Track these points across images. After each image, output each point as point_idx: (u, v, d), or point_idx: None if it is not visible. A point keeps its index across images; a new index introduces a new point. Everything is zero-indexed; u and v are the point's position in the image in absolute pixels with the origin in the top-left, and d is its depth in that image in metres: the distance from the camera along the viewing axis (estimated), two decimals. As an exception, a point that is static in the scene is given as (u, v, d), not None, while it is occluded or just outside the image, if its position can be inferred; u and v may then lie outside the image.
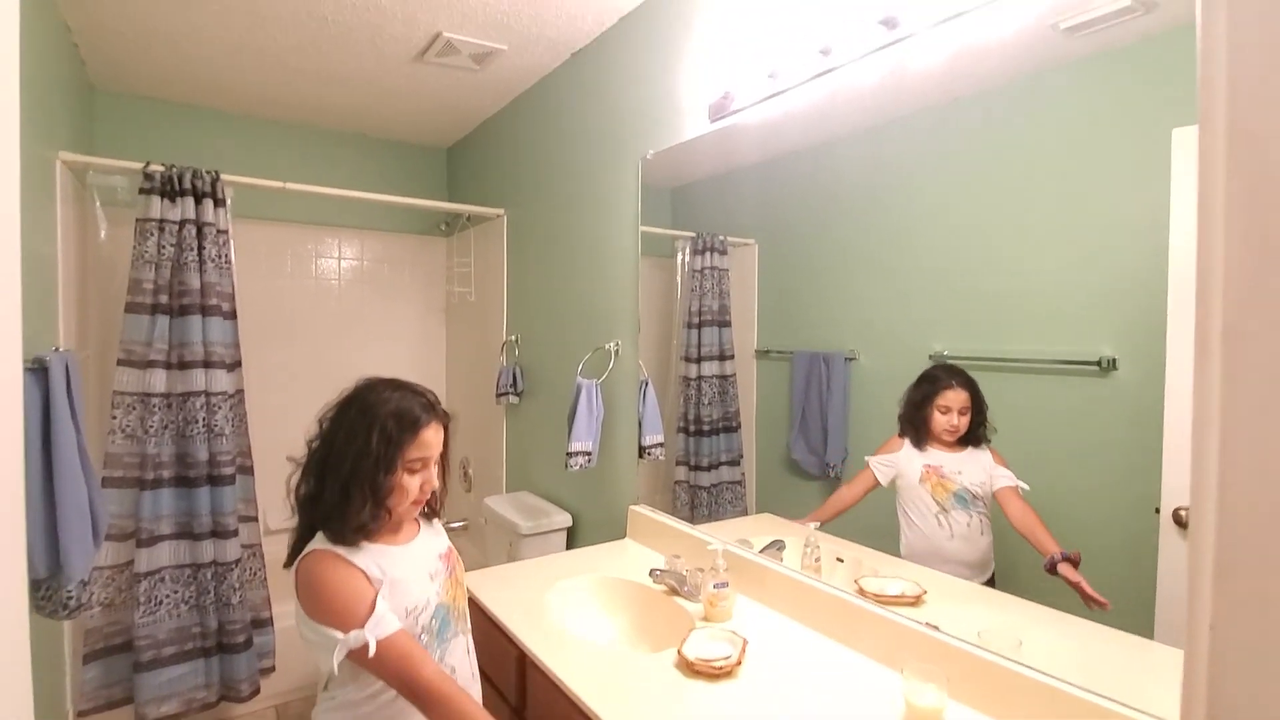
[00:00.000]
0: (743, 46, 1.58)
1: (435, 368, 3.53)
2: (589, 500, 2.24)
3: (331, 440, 1.07)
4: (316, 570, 1.02)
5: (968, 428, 1.21)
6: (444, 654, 1.11)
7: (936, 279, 1.23)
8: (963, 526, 1.22)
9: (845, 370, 1.41)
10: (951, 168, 1.21)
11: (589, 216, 2.24)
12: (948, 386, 1.22)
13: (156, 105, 2.80)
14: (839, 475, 1.44)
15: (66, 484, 1.51)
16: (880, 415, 1.34)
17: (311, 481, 1.07)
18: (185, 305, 2.14)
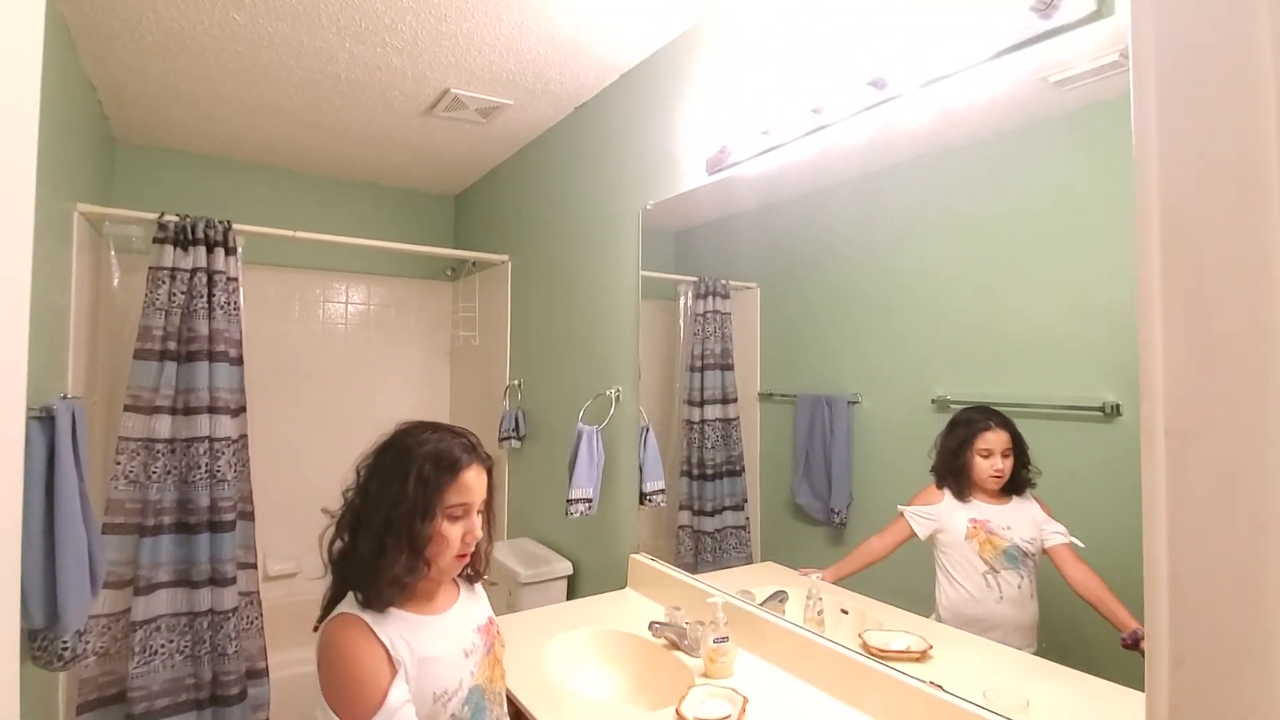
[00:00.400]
0: (738, 103, 1.63)
1: (439, 411, 3.54)
2: (590, 548, 2.21)
3: (367, 489, 0.99)
4: (336, 639, 0.92)
5: (1011, 472, 1.11)
6: None
7: (936, 323, 1.24)
8: (1013, 588, 1.10)
9: (848, 414, 1.41)
10: (947, 215, 1.23)
11: (591, 264, 2.27)
12: (986, 428, 1.13)
13: (175, 157, 2.89)
14: (844, 521, 1.43)
15: (67, 533, 1.52)
16: (884, 459, 1.33)
17: (346, 535, 0.98)
18: (193, 351, 2.17)
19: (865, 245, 1.39)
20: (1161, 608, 0.29)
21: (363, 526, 0.96)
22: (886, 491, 1.33)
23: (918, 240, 1.28)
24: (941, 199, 1.24)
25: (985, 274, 1.17)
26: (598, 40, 1.91)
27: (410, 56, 2.03)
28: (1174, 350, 0.29)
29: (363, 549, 0.94)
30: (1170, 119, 0.30)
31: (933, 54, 1.17)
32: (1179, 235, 0.29)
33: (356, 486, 1.01)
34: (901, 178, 1.32)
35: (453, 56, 2.03)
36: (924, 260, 1.27)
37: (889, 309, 1.33)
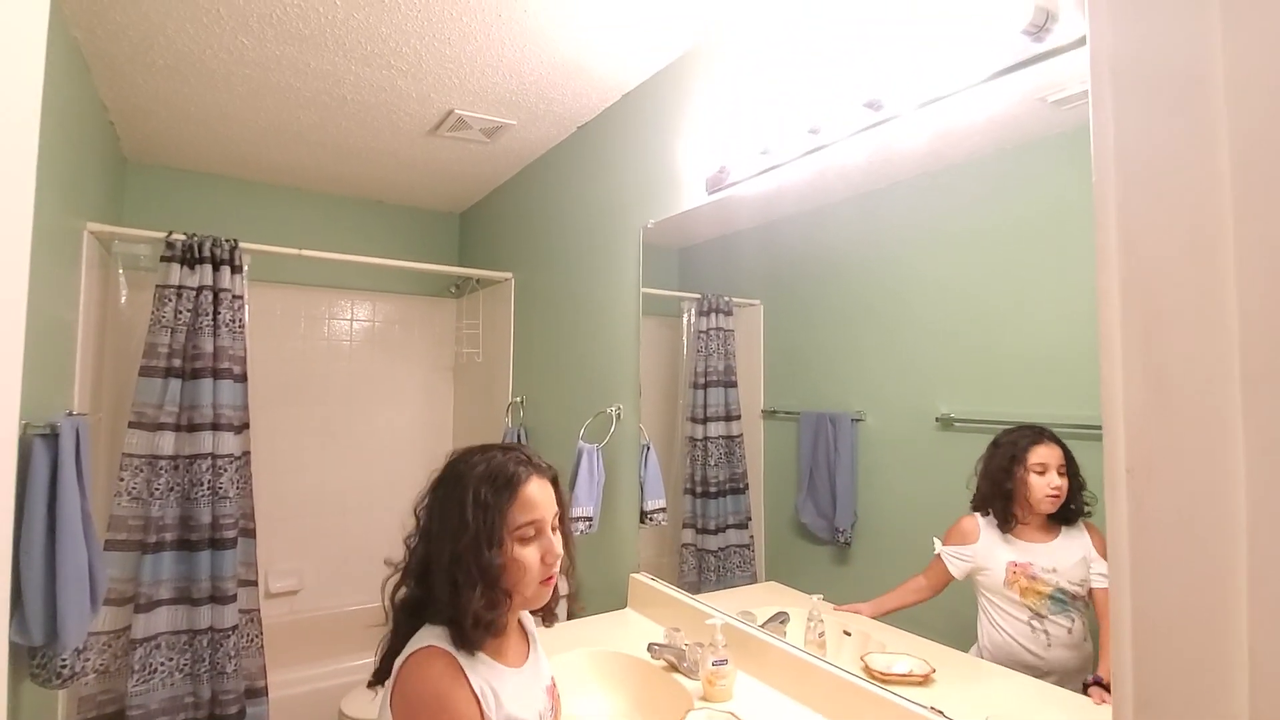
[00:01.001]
0: (737, 123, 1.64)
1: (443, 427, 3.55)
2: (590, 567, 2.20)
3: (429, 530, 0.90)
4: (426, 674, 0.81)
5: (1068, 493, 1.00)
6: None
7: (939, 340, 1.24)
8: (1063, 633, 1.00)
9: (852, 431, 1.40)
10: (948, 231, 1.23)
11: (592, 281, 2.28)
12: (1038, 441, 1.02)
13: (184, 176, 2.93)
14: (848, 540, 1.41)
15: (68, 550, 1.52)
16: (889, 478, 1.32)
17: (413, 583, 0.89)
18: (198, 368, 2.19)
19: (867, 262, 1.39)
20: (1125, 647, 0.29)
21: (433, 569, 0.86)
22: (891, 510, 1.33)
23: (920, 257, 1.28)
24: (943, 216, 1.25)
25: (988, 291, 1.17)
26: (599, 62, 1.94)
27: (415, 78, 2.06)
28: (1133, 387, 0.29)
29: (439, 594, 0.85)
30: (1126, 161, 0.31)
31: (929, 75, 1.18)
32: (1136, 273, 0.29)
33: (418, 530, 0.92)
34: (902, 195, 1.32)
35: (456, 78, 2.06)
36: (926, 277, 1.27)
37: (892, 326, 1.33)
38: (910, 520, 1.28)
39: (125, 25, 1.78)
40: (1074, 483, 1.00)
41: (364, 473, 3.29)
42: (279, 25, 1.78)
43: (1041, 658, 1.03)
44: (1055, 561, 1.02)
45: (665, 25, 1.74)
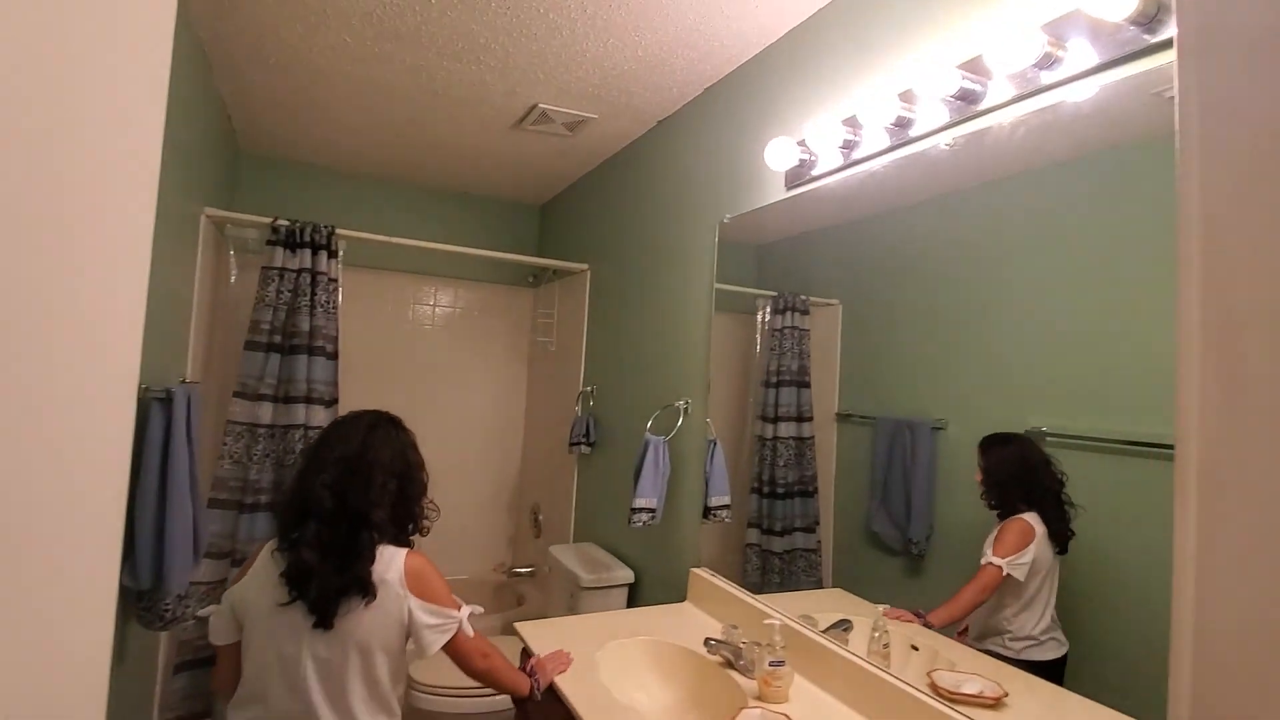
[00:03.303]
0: (821, 117, 1.60)
1: (515, 413, 3.65)
2: (652, 558, 2.21)
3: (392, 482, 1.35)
4: (423, 560, 1.28)
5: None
6: None
7: (1034, 349, 1.16)
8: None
9: (931, 440, 1.34)
10: (1048, 232, 1.15)
11: (666, 275, 2.29)
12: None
13: (290, 166, 3.14)
14: (922, 552, 1.36)
15: (176, 505, 1.66)
16: (970, 491, 1.25)
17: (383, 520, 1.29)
18: (294, 345, 2.34)
19: (956, 264, 1.32)
20: (1185, 661, 0.26)
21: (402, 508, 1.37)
22: (971, 524, 1.25)
23: (1015, 260, 1.21)
24: (1042, 215, 1.17)
25: (1089, 297, 1.09)
26: (681, 56, 1.93)
27: (502, 74, 2.13)
28: (1209, 393, 0.26)
29: (396, 523, 1.34)
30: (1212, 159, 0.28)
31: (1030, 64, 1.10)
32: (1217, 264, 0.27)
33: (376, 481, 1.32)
34: (997, 193, 1.25)
35: (542, 73, 2.10)
36: (1021, 281, 1.19)
37: (981, 332, 1.26)
38: (982, 538, 1.21)
39: (243, 26, 1.92)
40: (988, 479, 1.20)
41: (440, 453, 3.41)
42: (379, 24, 1.87)
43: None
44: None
45: (751, 15, 1.72)
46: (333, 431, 1.36)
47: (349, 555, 1.19)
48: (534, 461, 3.48)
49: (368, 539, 1.22)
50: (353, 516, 1.23)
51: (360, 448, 1.30)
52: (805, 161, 1.60)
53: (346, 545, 1.20)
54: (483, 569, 3.47)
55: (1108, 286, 1.07)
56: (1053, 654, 1.11)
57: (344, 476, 1.25)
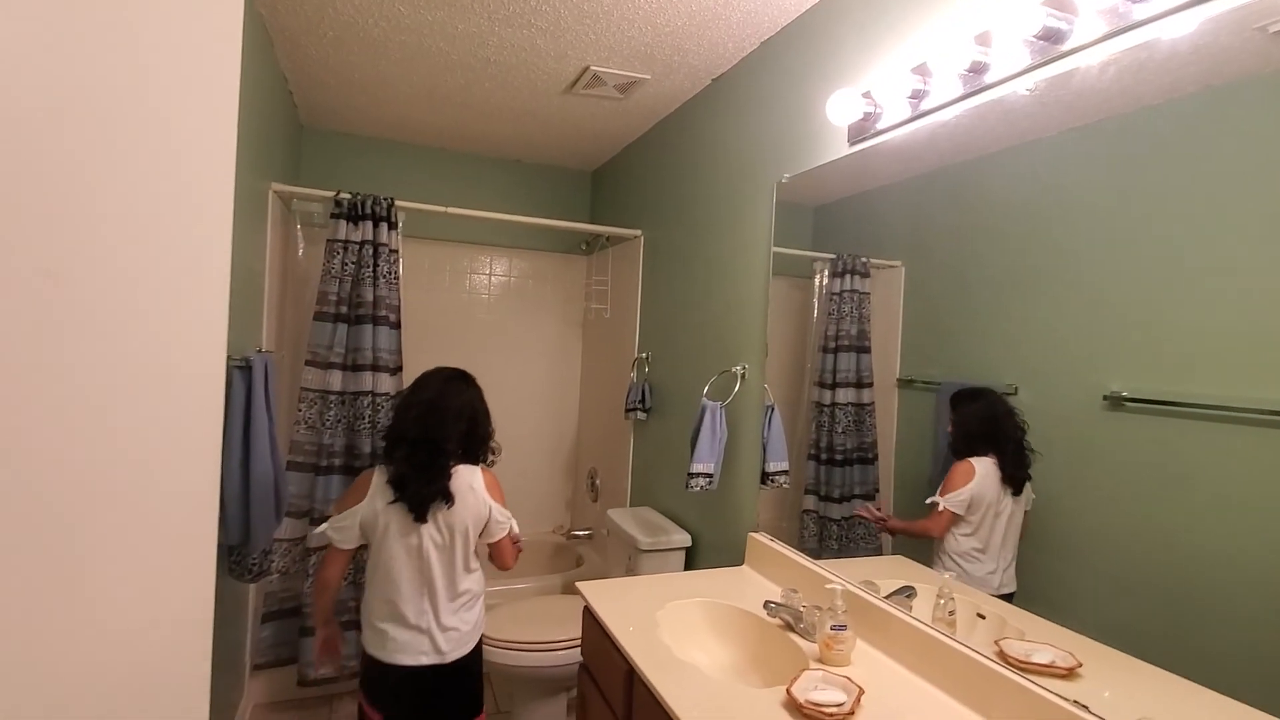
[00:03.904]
0: (887, 66, 1.52)
1: (570, 380, 3.70)
2: (709, 522, 2.23)
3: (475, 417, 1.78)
4: (493, 475, 1.75)
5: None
6: None
7: (1115, 309, 1.09)
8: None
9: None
10: (1132, 184, 1.07)
11: (722, 239, 2.25)
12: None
13: (350, 140, 3.21)
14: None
15: (258, 466, 1.76)
16: (1042, 458, 1.20)
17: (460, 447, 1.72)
18: (360, 314, 2.43)
19: (1031, 220, 1.24)
20: None
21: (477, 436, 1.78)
22: (1041, 493, 1.21)
23: (1096, 214, 1.13)
24: (1129, 165, 1.08)
25: (1180, 251, 1.01)
26: (737, 9, 1.86)
27: (553, 36, 2.10)
28: None
29: (476, 447, 1.77)
30: None
31: None
32: None
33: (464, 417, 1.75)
34: (1078, 143, 1.17)
35: (593, 34, 2.06)
36: (1102, 236, 1.12)
37: (1057, 292, 1.19)
38: (1063, 510, 1.16)
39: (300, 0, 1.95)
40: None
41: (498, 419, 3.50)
42: (431, -11, 1.87)
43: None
44: None
45: (811, -39, 1.63)
46: (420, 381, 1.75)
47: (431, 471, 1.62)
48: (590, 427, 3.54)
49: (443, 461, 1.63)
50: (431, 443, 1.63)
51: (437, 395, 1.70)
52: (870, 115, 1.53)
53: (428, 463, 1.62)
54: (542, 531, 3.58)
55: (1201, 241, 0.99)
56: (994, 589, 1.27)
57: (426, 414, 1.66)
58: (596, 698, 1.56)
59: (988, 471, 1.30)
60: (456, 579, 1.66)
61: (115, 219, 0.49)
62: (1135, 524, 1.04)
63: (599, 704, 1.55)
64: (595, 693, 1.57)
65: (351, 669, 2.42)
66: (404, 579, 1.63)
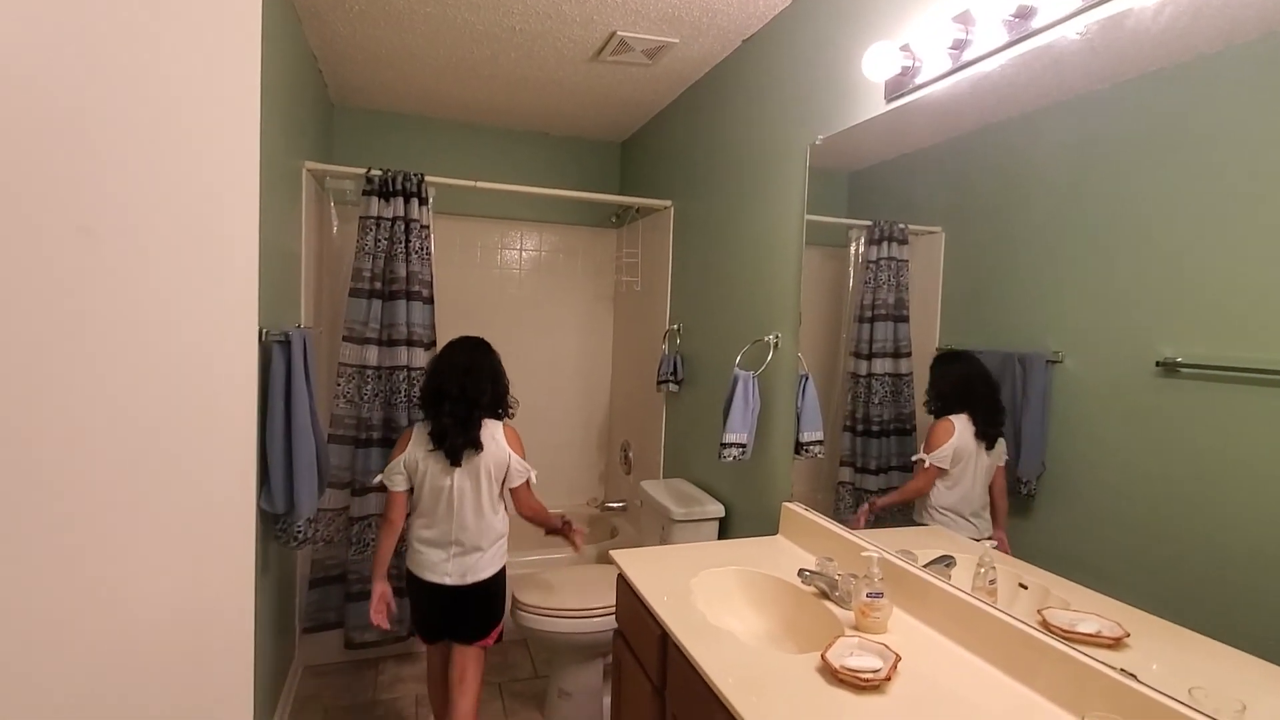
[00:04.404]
0: (926, 15, 1.45)
1: (602, 353, 3.70)
2: (742, 493, 2.22)
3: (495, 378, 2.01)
4: (518, 435, 1.99)
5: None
6: None
7: (1169, 271, 1.03)
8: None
9: (1046, 374, 1.24)
10: (1191, 136, 1.01)
11: (754, 206, 2.20)
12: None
13: (379, 117, 3.23)
14: (1032, 492, 1.27)
15: (301, 437, 1.81)
16: (1089, 428, 1.15)
17: (488, 404, 1.95)
18: (394, 290, 2.46)
19: (1079, 178, 1.18)
20: None
21: (499, 395, 2.00)
22: (1091, 465, 1.16)
23: (1150, 170, 1.06)
24: (1185, 117, 1.01)
25: (1240, 211, 0.94)
26: (768, -39, 1.79)
27: (579, 1, 2.06)
28: None
29: (495, 404, 1.98)
30: None
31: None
32: None
33: (487, 379, 1.97)
34: (1131, 93, 1.09)
35: (619, -4, 2.02)
36: (1157, 195, 1.05)
37: (1107, 254, 1.13)
38: (1114, 478, 1.12)
39: (328, -28, 1.95)
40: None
41: (531, 393, 3.56)
42: (455, -44, 1.84)
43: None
44: None
45: (845, -92, 1.56)
46: (451, 348, 2.00)
47: (467, 424, 1.87)
48: (623, 400, 3.55)
49: (477, 415, 1.90)
50: (468, 400, 1.89)
51: (470, 360, 1.96)
52: (908, 68, 1.47)
53: (465, 417, 1.88)
54: (576, 503, 3.62)
55: (1263, 198, 0.92)
56: (974, 535, 1.36)
57: (463, 376, 1.91)
58: (631, 663, 1.58)
59: (964, 427, 1.39)
60: (485, 517, 1.92)
61: (146, 179, 0.49)
62: (1189, 494, 1.00)
63: (634, 669, 1.57)
64: (630, 658, 1.59)
65: (396, 633, 2.50)
66: (438, 514, 1.91)
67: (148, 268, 0.53)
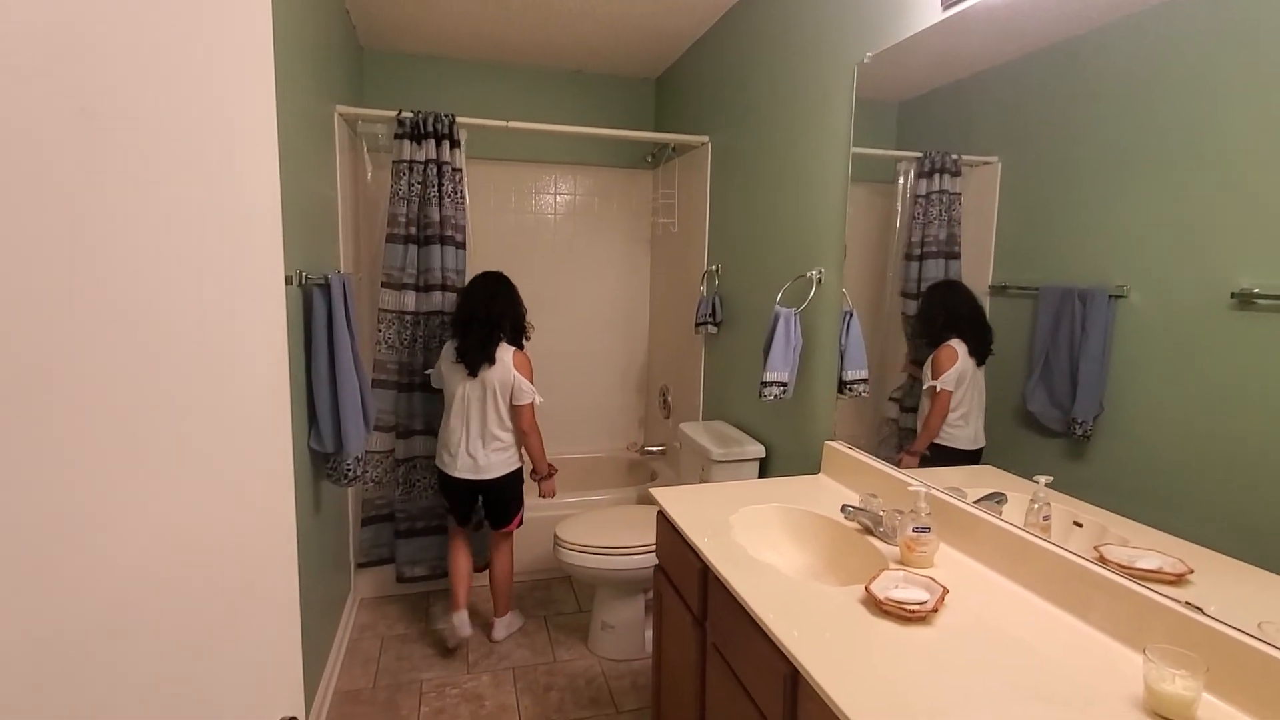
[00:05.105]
0: (991, -94, 1.31)
1: (639, 297, 3.67)
2: (783, 433, 2.19)
3: (514, 305, 2.35)
4: (527, 360, 2.28)
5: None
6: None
7: (1246, 196, 0.93)
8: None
9: (1108, 310, 1.16)
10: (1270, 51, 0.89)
11: (797, 138, 2.09)
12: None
13: (409, 61, 3.17)
14: (1087, 434, 1.21)
15: (345, 379, 1.84)
16: (1153, 366, 1.08)
17: (508, 330, 2.30)
18: (428, 235, 2.45)
19: (1151, 98, 1.07)
20: None
21: (516, 320, 2.34)
22: (1154, 405, 1.09)
23: (1229, 86, 0.95)
24: (1262, 32, 0.90)
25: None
26: None
27: (609, -84, 1.94)
28: None
29: (513, 328, 2.32)
30: None
31: None
32: None
33: (501, 308, 2.29)
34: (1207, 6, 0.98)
35: (652, -91, 1.89)
36: (1235, 112, 0.95)
37: (1178, 179, 1.03)
38: (1179, 418, 1.04)
39: (348, -102, 1.87)
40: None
41: (568, 338, 3.56)
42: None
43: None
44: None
45: None
46: (478, 280, 2.32)
47: (487, 342, 2.20)
48: (661, 343, 3.52)
49: (497, 335, 2.23)
50: (492, 323, 2.22)
51: (493, 291, 2.28)
52: (967, -32, 1.34)
53: (487, 337, 2.21)
54: (615, 448, 3.66)
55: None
56: (971, 445, 1.46)
57: (488, 303, 2.24)
58: (672, 596, 1.60)
59: (963, 350, 1.47)
60: (488, 424, 2.25)
61: (156, 116, 0.47)
62: (1264, 430, 0.93)
63: (674, 602, 1.59)
64: (671, 591, 1.61)
65: (442, 568, 2.60)
66: (455, 416, 2.27)
67: (160, 210, 0.51)
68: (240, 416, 0.61)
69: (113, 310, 0.50)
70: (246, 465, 0.63)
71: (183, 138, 0.53)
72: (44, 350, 0.46)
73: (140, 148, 0.51)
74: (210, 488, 0.58)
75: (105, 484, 0.50)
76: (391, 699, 2.15)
